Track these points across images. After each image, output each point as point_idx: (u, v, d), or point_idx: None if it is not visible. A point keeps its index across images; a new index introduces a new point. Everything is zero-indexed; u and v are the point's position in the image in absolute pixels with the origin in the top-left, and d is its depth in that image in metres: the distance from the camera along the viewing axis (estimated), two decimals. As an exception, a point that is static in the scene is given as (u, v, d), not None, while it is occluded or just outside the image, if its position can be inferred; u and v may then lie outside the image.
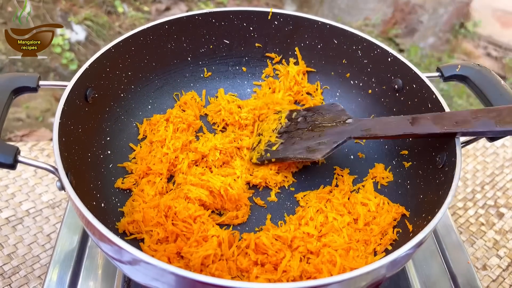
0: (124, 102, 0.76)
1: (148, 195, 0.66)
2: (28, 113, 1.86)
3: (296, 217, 0.69)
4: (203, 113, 0.85)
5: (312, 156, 0.67)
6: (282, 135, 0.74)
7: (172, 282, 0.46)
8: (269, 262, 0.60)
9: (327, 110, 0.73)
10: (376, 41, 0.75)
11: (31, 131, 1.80)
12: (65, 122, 0.59)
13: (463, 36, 2.70)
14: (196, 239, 0.61)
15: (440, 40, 2.75)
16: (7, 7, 2.14)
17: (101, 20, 2.25)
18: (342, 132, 0.67)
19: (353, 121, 0.68)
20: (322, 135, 0.69)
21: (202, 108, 0.85)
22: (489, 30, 2.69)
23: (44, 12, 2.19)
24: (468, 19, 2.78)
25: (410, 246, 0.48)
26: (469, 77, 0.67)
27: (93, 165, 0.67)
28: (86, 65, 0.65)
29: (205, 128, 0.83)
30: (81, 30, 2.20)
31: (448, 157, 0.60)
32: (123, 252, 0.46)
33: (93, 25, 2.21)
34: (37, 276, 0.79)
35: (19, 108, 1.85)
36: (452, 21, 2.80)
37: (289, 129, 0.74)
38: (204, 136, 0.79)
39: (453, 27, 2.77)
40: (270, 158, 0.72)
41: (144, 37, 0.75)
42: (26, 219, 0.88)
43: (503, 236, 0.95)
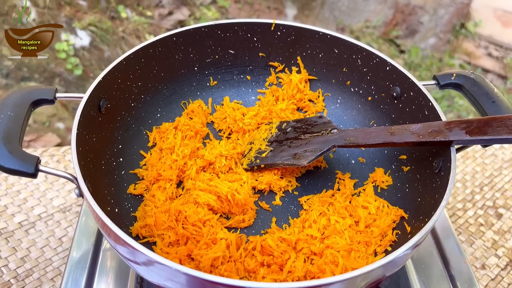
0: (135, 111, 0.79)
1: (159, 200, 0.69)
2: (34, 118, 1.88)
3: (300, 220, 0.71)
4: (210, 120, 0.88)
5: (298, 162, 0.72)
6: (272, 143, 0.79)
7: (184, 282, 0.49)
8: (274, 263, 0.63)
9: (315, 122, 0.77)
10: (375, 50, 0.77)
11: (38, 136, 1.82)
12: (81, 132, 0.62)
13: (463, 37, 2.71)
14: (206, 241, 0.63)
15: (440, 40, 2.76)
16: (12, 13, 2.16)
17: (105, 25, 2.27)
18: (327, 141, 0.72)
19: (338, 132, 0.73)
20: (308, 143, 0.74)
21: (209, 115, 0.88)
22: (489, 30, 2.69)
23: (49, 18, 2.21)
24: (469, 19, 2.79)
25: (408, 247, 0.50)
26: (464, 86, 0.69)
27: (106, 172, 0.70)
28: (99, 78, 0.68)
29: (211, 135, 0.86)
30: (85, 36, 2.21)
31: (443, 162, 0.63)
32: (138, 254, 0.49)
33: (97, 31, 2.23)
34: (50, 279, 0.81)
35: (26, 114, 1.86)
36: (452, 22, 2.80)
37: (279, 138, 0.79)
38: (211, 143, 0.82)
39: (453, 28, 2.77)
40: (260, 164, 0.76)
41: (153, 49, 0.78)
42: (38, 223, 0.90)
43: (501, 236, 0.97)
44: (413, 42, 2.71)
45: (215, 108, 0.90)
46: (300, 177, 0.80)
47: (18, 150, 0.55)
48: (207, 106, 0.88)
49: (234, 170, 0.78)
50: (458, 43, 2.71)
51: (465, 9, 2.86)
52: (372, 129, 0.69)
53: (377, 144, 0.67)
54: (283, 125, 0.81)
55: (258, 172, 0.77)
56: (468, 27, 2.74)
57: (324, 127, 0.75)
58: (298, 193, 0.78)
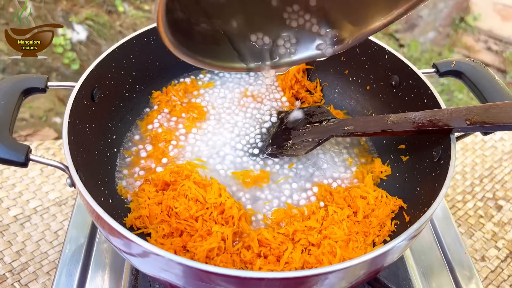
0: (129, 101, 0.78)
1: (149, 192, 0.68)
2: (31, 113, 1.87)
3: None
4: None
5: (296, 152, 0.71)
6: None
7: (179, 272, 0.48)
8: (272, 254, 0.62)
9: (313, 112, 0.76)
10: (373, 38, 0.76)
11: (35, 130, 1.81)
12: (73, 122, 0.61)
13: (463, 30, 2.69)
14: (201, 234, 0.62)
15: (440, 34, 2.75)
16: (8, 7, 2.15)
17: (102, 20, 2.25)
18: (325, 131, 0.71)
19: (336, 121, 0.71)
20: (306, 134, 0.73)
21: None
22: (489, 24, 2.68)
23: (46, 13, 2.20)
24: (468, 13, 2.77)
25: (407, 235, 0.50)
26: (464, 73, 0.68)
27: (100, 163, 0.69)
28: (92, 66, 0.66)
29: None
30: (82, 30, 2.20)
31: (443, 151, 0.62)
32: (133, 245, 0.48)
33: (94, 25, 2.21)
34: (45, 272, 0.81)
35: (23, 108, 1.86)
36: (452, 16, 2.79)
37: (277, 129, 0.78)
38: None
39: (453, 22, 2.76)
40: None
41: (148, 38, 0.76)
42: (33, 217, 0.89)
43: (501, 228, 0.96)
44: (412, 36, 2.70)
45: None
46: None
47: (9, 139, 0.54)
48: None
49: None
50: (457, 37, 2.70)
51: (464, 3, 2.85)
52: (371, 118, 0.68)
53: (375, 133, 0.66)
54: (281, 115, 0.80)
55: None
56: (468, 21, 2.72)
57: (322, 116, 0.74)
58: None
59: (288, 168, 0.74)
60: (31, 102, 1.89)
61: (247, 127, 0.80)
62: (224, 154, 0.75)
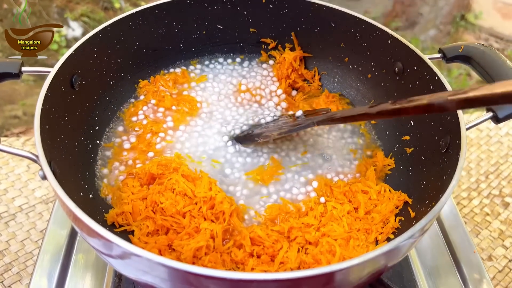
0: (114, 90, 0.74)
1: (133, 187, 0.64)
2: (24, 110, 1.84)
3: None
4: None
5: (269, 134, 0.69)
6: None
7: (163, 275, 0.44)
8: (265, 254, 0.58)
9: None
10: (375, 22, 0.72)
11: (28, 128, 1.78)
12: (48, 109, 0.56)
13: (464, 28, 2.67)
14: (188, 231, 0.58)
15: (441, 32, 2.73)
16: (2, 4, 2.12)
17: (98, 16, 2.22)
18: (308, 120, 0.67)
19: (325, 113, 0.68)
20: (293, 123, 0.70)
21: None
22: (490, 22, 2.67)
23: (40, 9, 2.17)
24: (469, 11, 2.76)
25: (413, 232, 0.45)
26: (473, 58, 0.65)
27: (80, 155, 0.65)
28: (71, 50, 0.62)
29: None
30: (78, 27, 2.17)
31: (452, 140, 0.58)
32: (110, 245, 0.44)
33: (90, 21, 2.19)
34: (30, 273, 0.78)
35: (16, 106, 1.83)
36: (452, 13, 2.77)
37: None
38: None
39: (454, 19, 2.74)
40: (238, 135, 0.73)
41: (133, 22, 0.72)
42: (19, 215, 0.87)
43: (508, 226, 0.93)
44: (413, 34, 2.68)
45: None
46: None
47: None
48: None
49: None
50: (458, 35, 2.68)
51: (465, 0, 2.84)
52: (355, 107, 0.62)
53: (352, 117, 0.61)
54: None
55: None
56: (469, 19, 2.71)
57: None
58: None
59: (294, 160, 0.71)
60: (24, 99, 1.86)
61: (241, 123, 0.76)
62: (215, 148, 0.72)
